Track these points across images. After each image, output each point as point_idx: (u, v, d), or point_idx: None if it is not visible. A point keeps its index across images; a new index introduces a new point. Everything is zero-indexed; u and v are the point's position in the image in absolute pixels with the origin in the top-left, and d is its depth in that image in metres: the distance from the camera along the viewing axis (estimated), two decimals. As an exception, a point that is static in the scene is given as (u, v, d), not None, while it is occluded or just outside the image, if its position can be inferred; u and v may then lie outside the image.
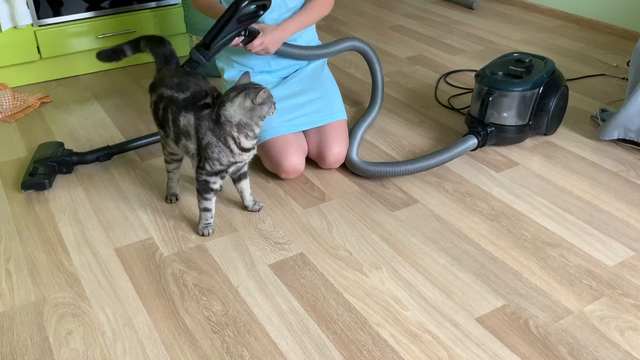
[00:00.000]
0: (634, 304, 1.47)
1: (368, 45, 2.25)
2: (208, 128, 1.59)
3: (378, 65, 2.30)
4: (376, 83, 2.33)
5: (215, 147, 1.59)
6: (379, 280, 1.55)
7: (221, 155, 1.60)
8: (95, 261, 1.64)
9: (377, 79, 2.33)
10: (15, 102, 2.51)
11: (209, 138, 1.59)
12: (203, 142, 1.60)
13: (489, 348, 1.35)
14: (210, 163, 1.62)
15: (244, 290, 1.53)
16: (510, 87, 2.06)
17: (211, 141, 1.59)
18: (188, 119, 1.61)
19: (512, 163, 2.08)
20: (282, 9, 1.95)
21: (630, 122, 2.08)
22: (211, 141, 1.59)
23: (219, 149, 1.59)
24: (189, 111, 1.61)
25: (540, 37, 3.29)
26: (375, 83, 2.33)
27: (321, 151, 1.99)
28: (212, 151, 1.60)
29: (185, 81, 1.66)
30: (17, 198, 1.92)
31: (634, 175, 2.00)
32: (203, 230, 1.72)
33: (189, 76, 1.69)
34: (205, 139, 1.59)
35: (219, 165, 1.62)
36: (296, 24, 1.94)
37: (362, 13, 3.80)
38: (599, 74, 2.79)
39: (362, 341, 1.37)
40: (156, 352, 1.35)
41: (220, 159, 1.61)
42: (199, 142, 1.61)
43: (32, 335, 1.40)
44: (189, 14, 2.74)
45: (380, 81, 2.33)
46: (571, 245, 1.68)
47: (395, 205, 1.86)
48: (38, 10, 2.60)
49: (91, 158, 2.06)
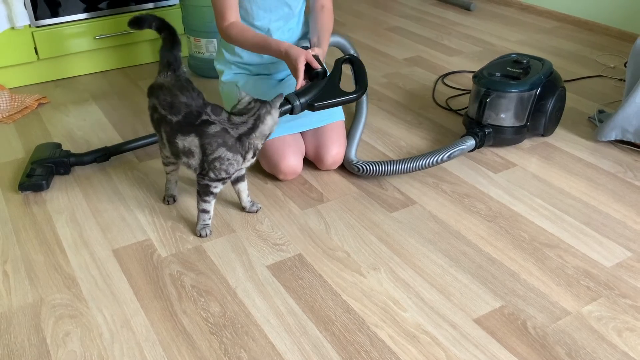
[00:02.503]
0: (631, 305, 1.47)
1: (345, 39, 2.22)
2: (222, 145, 1.57)
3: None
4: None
5: (227, 160, 1.59)
6: (377, 281, 1.55)
7: (230, 167, 1.60)
8: (93, 262, 1.63)
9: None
10: (12, 103, 2.50)
11: (220, 153, 1.58)
12: (211, 157, 1.59)
13: (487, 349, 1.35)
14: (216, 172, 1.61)
15: (242, 291, 1.53)
16: (507, 88, 2.06)
17: (223, 155, 1.58)
18: (189, 141, 1.59)
19: (510, 164, 2.08)
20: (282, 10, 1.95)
21: (628, 123, 2.08)
22: (223, 155, 1.58)
23: (229, 162, 1.59)
24: (188, 133, 1.59)
25: (537, 39, 3.29)
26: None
27: (319, 153, 1.99)
28: (222, 164, 1.59)
29: (177, 102, 1.62)
30: (15, 199, 1.91)
31: (631, 176, 2.00)
32: (201, 231, 1.72)
33: (181, 92, 1.65)
34: (216, 153, 1.58)
35: (224, 175, 1.62)
36: (325, 43, 1.94)
37: (360, 14, 3.81)
38: (596, 75, 2.80)
39: (360, 342, 1.37)
40: (154, 353, 1.35)
41: (228, 170, 1.61)
42: (204, 157, 1.60)
43: (29, 336, 1.40)
44: (187, 15, 2.74)
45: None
46: (569, 246, 1.68)
47: (393, 207, 1.86)
48: (35, 11, 2.60)
49: (89, 159, 2.06)
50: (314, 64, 1.75)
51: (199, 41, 2.74)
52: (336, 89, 1.76)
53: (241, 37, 1.84)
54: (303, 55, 1.74)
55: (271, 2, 1.91)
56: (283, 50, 1.76)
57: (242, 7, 1.92)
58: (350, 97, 1.76)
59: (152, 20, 1.79)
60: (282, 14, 1.95)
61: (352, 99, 1.77)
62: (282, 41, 1.79)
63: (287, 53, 1.76)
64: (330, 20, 1.98)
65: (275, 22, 1.96)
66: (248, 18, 1.94)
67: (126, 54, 2.92)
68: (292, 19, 2.00)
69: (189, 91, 1.65)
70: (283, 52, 1.77)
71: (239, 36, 1.84)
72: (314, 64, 1.75)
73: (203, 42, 2.72)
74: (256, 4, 1.91)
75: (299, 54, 1.74)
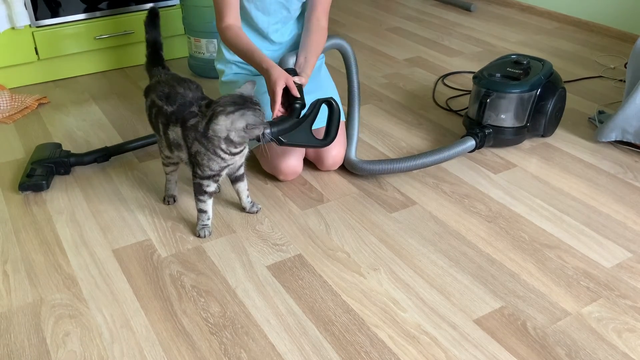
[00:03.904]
0: (631, 306, 1.47)
1: (345, 42, 2.21)
2: (195, 138, 1.58)
3: (353, 59, 2.23)
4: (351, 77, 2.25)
5: (204, 155, 1.59)
6: (377, 281, 1.55)
7: (211, 163, 1.60)
8: (93, 262, 1.63)
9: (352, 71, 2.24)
10: (12, 103, 2.50)
11: (197, 147, 1.59)
12: (192, 150, 1.60)
13: (487, 350, 1.35)
14: (202, 169, 1.62)
15: (242, 291, 1.53)
16: (508, 89, 2.06)
17: (200, 150, 1.59)
18: (176, 131, 1.61)
19: (510, 165, 2.08)
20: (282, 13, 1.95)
21: (628, 124, 2.08)
22: (200, 150, 1.59)
23: (207, 157, 1.59)
24: (176, 124, 1.61)
25: (537, 39, 3.30)
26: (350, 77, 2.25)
27: (320, 153, 1.99)
28: (202, 158, 1.60)
29: (174, 93, 1.63)
30: (15, 199, 1.91)
31: (631, 177, 2.00)
32: (200, 231, 1.72)
33: (179, 84, 1.66)
34: (194, 147, 1.59)
35: (209, 171, 1.62)
36: (311, 66, 1.87)
37: (360, 15, 3.81)
38: (596, 76, 2.80)
39: (360, 342, 1.37)
40: (154, 353, 1.35)
41: (210, 166, 1.61)
42: (188, 150, 1.61)
43: (29, 336, 1.40)
44: (188, 15, 2.74)
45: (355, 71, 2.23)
46: (569, 246, 1.68)
47: (393, 207, 1.86)
48: (36, 11, 2.60)
49: (89, 159, 2.06)
50: (293, 91, 1.70)
51: (199, 41, 2.74)
52: (307, 132, 1.73)
53: (234, 42, 1.83)
54: (283, 80, 1.69)
55: (270, 6, 1.91)
56: (265, 67, 1.73)
57: (242, 9, 1.92)
58: (317, 144, 1.77)
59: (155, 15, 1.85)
60: (280, 17, 1.95)
61: (318, 146, 1.79)
62: (268, 59, 1.75)
63: (268, 72, 1.71)
64: (323, 39, 1.93)
65: (274, 24, 1.96)
66: (248, 19, 1.94)
67: (126, 54, 2.92)
68: (291, 22, 1.99)
69: (186, 83, 1.67)
70: (264, 69, 1.73)
71: (233, 41, 1.84)
72: (293, 91, 1.70)
73: (203, 42, 2.73)
74: (255, 7, 1.91)
75: (278, 78, 1.68)
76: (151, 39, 1.84)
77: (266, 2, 1.90)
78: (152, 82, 1.73)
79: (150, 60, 1.82)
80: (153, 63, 1.80)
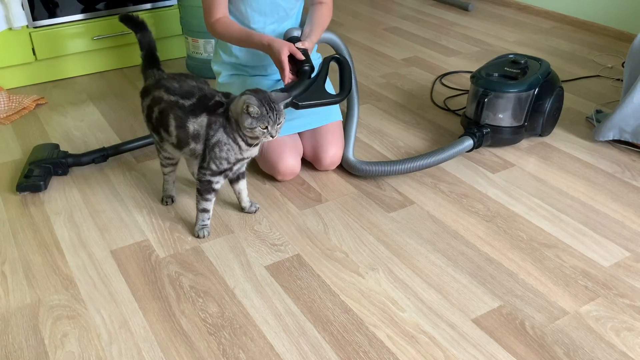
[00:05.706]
0: (629, 305, 1.47)
1: (337, 37, 2.22)
2: (221, 125, 1.58)
3: (348, 57, 2.25)
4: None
5: (225, 144, 1.59)
6: (375, 281, 1.55)
7: (229, 154, 1.60)
8: (91, 263, 1.63)
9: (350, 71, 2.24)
10: (10, 104, 2.50)
11: (219, 136, 1.58)
12: (212, 140, 1.59)
13: (485, 349, 1.35)
14: (217, 163, 1.61)
15: (240, 291, 1.53)
16: (505, 89, 2.06)
17: (221, 139, 1.58)
18: (200, 121, 1.60)
19: (508, 164, 2.08)
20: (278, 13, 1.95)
21: (625, 123, 2.08)
22: (221, 139, 1.58)
23: (228, 146, 1.59)
24: (199, 115, 1.60)
25: (535, 39, 3.30)
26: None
27: (317, 153, 2.00)
28: (221, 149, 1.59)
29: (188, 86, 1.64)
30: (12, 200, 1.91)
31: (629, 176, 2.00)
32: (199, 232, 1.72)
33: (190, 79, 1.68)
34: (215, 137, 1.59)
35: (226, 164, 1.62)
36: (317, 35, 1.92)
37: (358, 14, 3.81)
38: (594, 75, 2.80)
39: (358, 342, 1.37)
40: (152, 354, 1.35)
41: (228, 157, 1.60)
42: (207, 141, 1.61)
43: (27, 337, 1.40)
44: (185, 15, 2.74)
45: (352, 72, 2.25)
46: (567, 246, 1.68)
47: (391, 207, 1.86)
48: (33, 11, 2.59)
49: (87, 160, 2.06)
50: (297, 55, 1.75)
51: (196, 42, 2.74)
52: (321, 90, 1.76)
53: (226, 32, 1.85)
54: (286, 47, 1.74)
55: (265, 6, 1.91)
56: (266, 42, 1.77)
57: (237, 10, 1.92)
58: (334, 100, 1.77)
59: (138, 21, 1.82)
60: (277, 17, 1.95)
61: (336, 101, 1.78)
62: (266, 35, 1.80)
63: (270, 46, 1.76)
64: (328, 14, 1.97)
65: (271, 25, 1.96)
66: (244, 20, 1.94)
67: (124, 55, 2.92)
68: (287, 21, 1.99)
69: (196, 78, 1.69)
70: (266, 45, 1.77)
71: (224, 31, 1.85)
72: (298, 55, 1.75)
73: (201, 42, 2.72)
74: (251, 7, 1.91)
75: (281, 47, 1.74)
76: (144, 41, 1.82)
77: (261, 3, 1.90)
78: (150, 82, 1.73)
79: (146, 63, 1.82)
80: (149, 65, 1.80)
